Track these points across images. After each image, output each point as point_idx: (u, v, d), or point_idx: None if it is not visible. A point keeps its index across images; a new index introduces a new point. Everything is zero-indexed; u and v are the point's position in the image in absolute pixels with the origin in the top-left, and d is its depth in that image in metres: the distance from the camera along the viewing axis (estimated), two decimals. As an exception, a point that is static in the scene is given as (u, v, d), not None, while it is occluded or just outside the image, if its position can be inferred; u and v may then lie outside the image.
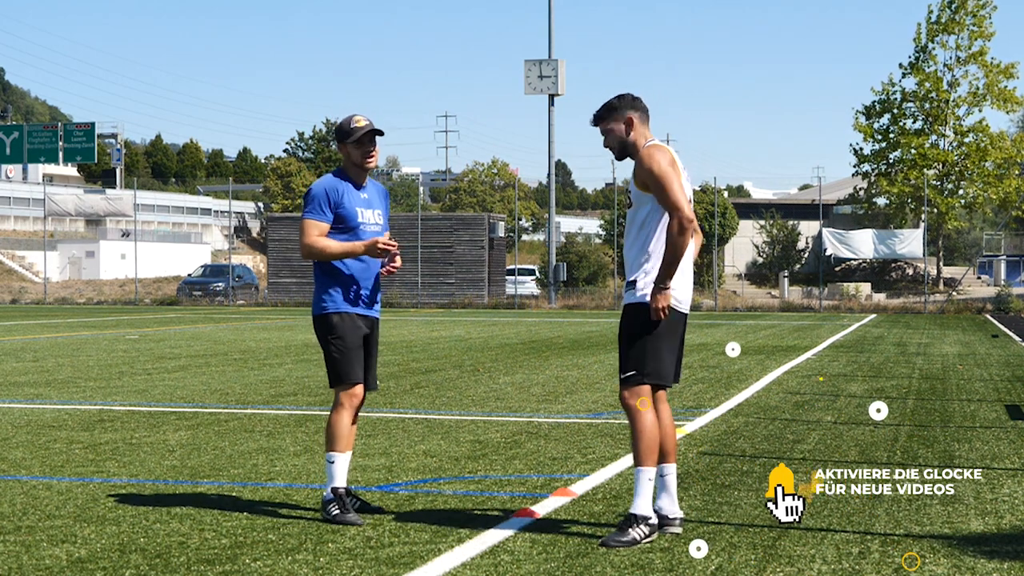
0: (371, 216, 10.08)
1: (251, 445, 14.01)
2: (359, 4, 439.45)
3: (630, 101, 9.57)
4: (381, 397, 18.81)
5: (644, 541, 9.06)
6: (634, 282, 9.39)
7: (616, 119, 9.53)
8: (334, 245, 9.84)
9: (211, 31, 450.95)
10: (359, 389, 10.02)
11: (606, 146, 9.68)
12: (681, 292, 9.38)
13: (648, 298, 9.23)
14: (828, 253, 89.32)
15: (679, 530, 9.35)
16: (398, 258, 10.11)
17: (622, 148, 9.56)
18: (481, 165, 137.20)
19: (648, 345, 9.35)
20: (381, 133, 10.09)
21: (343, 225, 9.90)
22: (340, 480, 9.82)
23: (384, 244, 9.74)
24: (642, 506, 9.20)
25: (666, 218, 9.24)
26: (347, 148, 10.01)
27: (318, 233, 9.88)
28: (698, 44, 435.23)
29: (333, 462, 9.84)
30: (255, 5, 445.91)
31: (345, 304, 9.92)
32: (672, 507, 9.44)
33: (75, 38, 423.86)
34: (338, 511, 9.68)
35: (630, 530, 9.13)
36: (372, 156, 10.06)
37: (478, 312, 62.37)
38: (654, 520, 9.21)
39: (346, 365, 9.91)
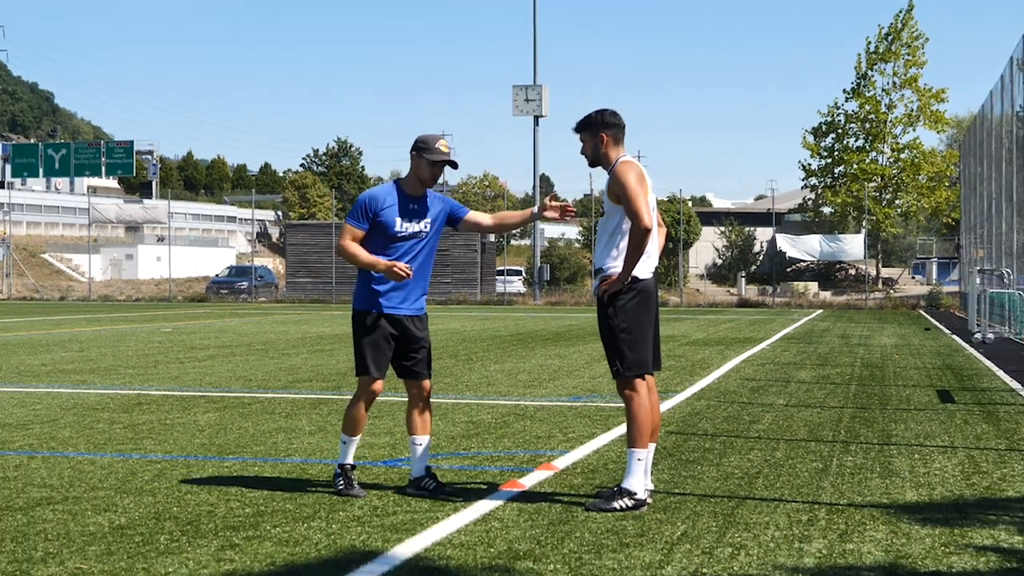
0: (415, 226, 9.74)
1: (271, 425, 14.00)
2: (367, 36, 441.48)
3: (607, 119, 9.54)
4: (386, 383, 18.75)
5: (626, 511, 9.07)
6: (601, 269, 9.46)
7: (592, 134, 9.55)
8: (362, 255, 9.62)
9: (238, 61, 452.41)
10: (376, 387, 9.90)
11: (582, 153, 9.70)
12: (645, 269, 9.44)
13: (615, 272, 9.33)
14: (783, 251, 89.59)
15: (649, 500, 9.36)
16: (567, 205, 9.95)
17: (594, 159, 9.59)
18: (474, 178, 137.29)
19: (632, 339, 9.39)
20: (456, 166, 9.94)
21: (382, 232, 9.65)
22: (349, 458, 9.76)
23: (399, 269, 9.49)
24: (631, 483, 9.22)
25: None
26: (422, 161, 9.67)
27: (351, 238, 9.66)
28: (665, 72, 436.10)
29: (345, 443, 9.77)
30: (275, 39, 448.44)
31: (373, 303, 9.72)
32: (645, 480, 9.45)
33: (116, 67, 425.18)
34: (343, 485, 9.64)
35: (616, 501, 9.15)
36: (436, 180, 9.86)
37: (471, 308, 62.36)
38: (641, 496, 9.21)
39: (364, 358, 9.80)
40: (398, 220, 9.64)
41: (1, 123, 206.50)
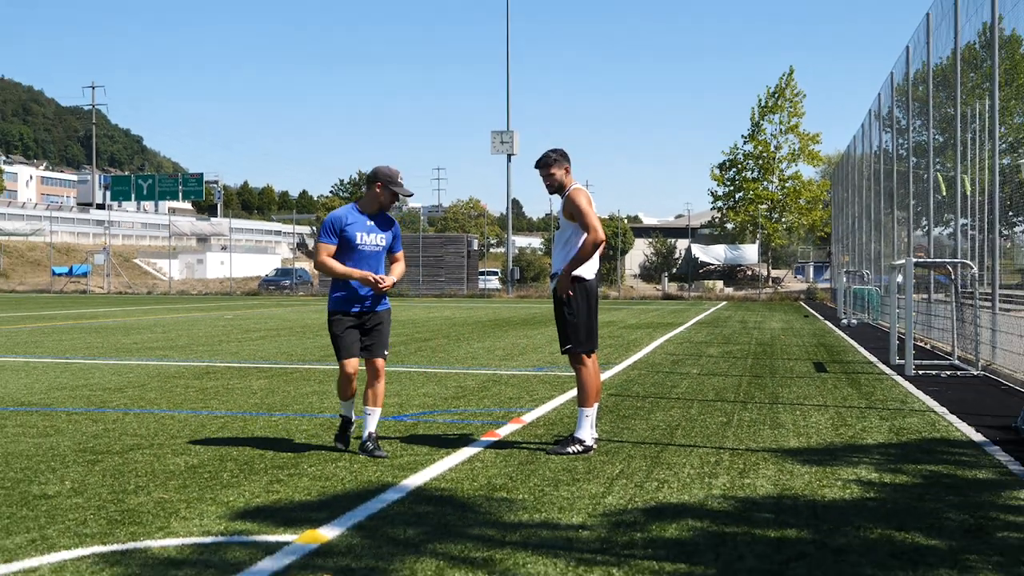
0: (372, 239, 9.30)
1: (308, 389, 13.98)
2: (381, 90, 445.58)
3: (563, 155, 9.56)
4: (395, 357, 18.78)
5: (576, 455, 9.12)
6: (558, 272, 9.46)
7: (555, 167, 9.53)
8: (338, 267, 9.16)
9: (283, 114, 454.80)
10: (348, 365, 9.27)
11: (546, 184, 9.67)
12: (589, 272, 9.46)
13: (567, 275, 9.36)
14: (697, 257, 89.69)
15: (595, 446, 9.39)
16: (384, 283, 9.23)
17: (557, 188, 9.58)
18: (462, 201, 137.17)
19: (580, 325, 9.42)
20: (411, 195, 9.55)
21: (346, 245, 9.22)
22: (347, 412, 9.48)
23: (374, 279, 9.11)
24: (581, 433, 9.28)
25: (582, 239, 9.30)
26: (381, 189, 9.27)
27: (326, 254, 9.19)
28: (608, 118, 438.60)
29: (342, 404, 9.47)
30: (314, 97, 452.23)
31: (338, 305, 9.27)
32: (591, 431, 9.49)
33: (191, 114, 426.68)
34: (336, 434, 9.52)
35: (570, 447, 9.21)
36: (390, 206, 9.45)
37: (460, 300, 62.33)
38: (589, 443, 9.27)
39: (339, 349, 9.26)
40: (359, 235, 9.21)
41: (102, 160, 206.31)
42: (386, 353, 9.46)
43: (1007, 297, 18.19)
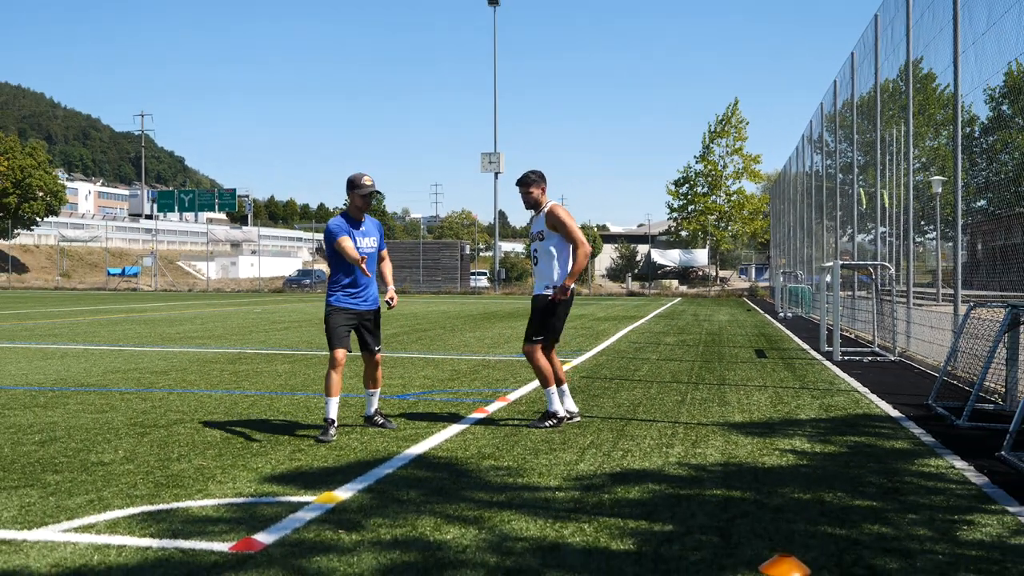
0: (365, 242, 9.03)
1: (325, 372, 13.92)
2: (388, 117, 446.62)
3: (541, 175, 9.54)
4: (399, 344, 18.76)
5: (552, 428, 9.14)
6: (546, 285, 9.41)
7: (534, 186, 9.51)
8: (352, 250, 8.60)
9: (304, 142, 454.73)
10: (339, 355, 8.80)
11: (524, 199, 9.64)
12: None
13: (550, 292, 9.33)
14: (655, 260, 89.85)
15: (566, 417, 9.41)
16: (394, 300, 9.06)
17: (535, 204, 9.56)
18: (456, 212, 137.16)
19: (546, 322, 9.39)
20: (380, 194, 9.17)
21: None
22: (330, 414, 8.70)
23: (361, 263, 8.63)
24: (553, 408, 9.31)
25: (566, 249, 9.31)
26: (354, 196, 8.95)
27: (342, 241, 8.75)
28: (582, 142, 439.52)
29: (327, 403, 8.74)
30: (334, 127, 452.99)
31: (337, 301, 8.91)
32: (572, 407, 9.52)
33: (224, 137, 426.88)
34: (320, 433, 8.68)
35: (546, 421, 9.22)
36: (368, 206, 9.05)
37: (454, 296, 62.25)
38: (561, 415, 9.30)
39: (333, 338, 8.85)
40: (357, 239, 8.95)
41: (150, 177, 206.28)
42: (380, 347, 9.24)
43: (919, 294, 18.25)
